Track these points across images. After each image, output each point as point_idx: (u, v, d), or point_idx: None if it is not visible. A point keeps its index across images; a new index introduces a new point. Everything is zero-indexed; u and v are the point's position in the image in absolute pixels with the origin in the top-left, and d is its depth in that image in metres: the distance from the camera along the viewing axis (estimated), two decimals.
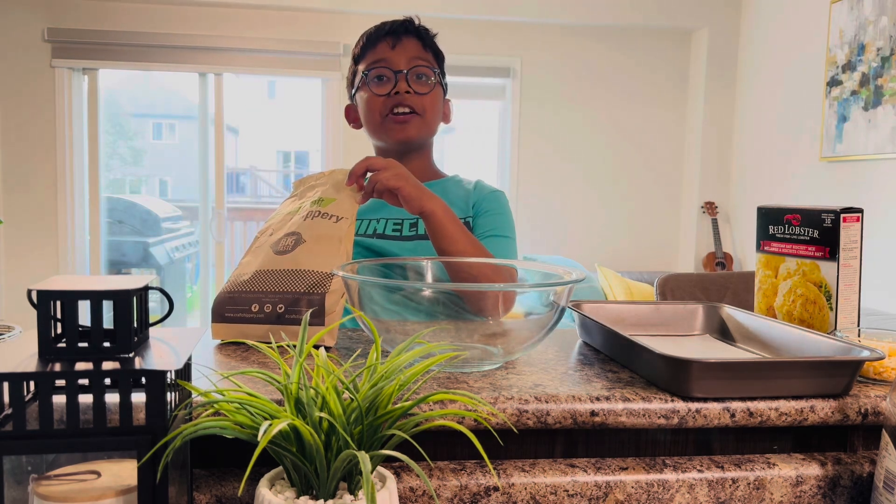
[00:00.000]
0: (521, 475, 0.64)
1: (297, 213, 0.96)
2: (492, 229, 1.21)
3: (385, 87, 1.21)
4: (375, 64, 1.21)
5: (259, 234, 0.97)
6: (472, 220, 1.24)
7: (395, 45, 1.21)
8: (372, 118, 1.23)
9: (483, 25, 3.90)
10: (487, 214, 1.24)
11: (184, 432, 0.46)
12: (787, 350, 0.81)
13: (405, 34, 1.22)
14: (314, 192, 1.00)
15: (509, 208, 1.27)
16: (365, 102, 1.24)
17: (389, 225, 1.22)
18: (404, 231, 1.21)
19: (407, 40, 1.22)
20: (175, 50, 3.76)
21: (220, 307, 0.87)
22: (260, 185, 8.05)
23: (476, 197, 1.26)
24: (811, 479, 0.68)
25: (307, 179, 1.05)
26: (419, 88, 1.21)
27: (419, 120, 1.21)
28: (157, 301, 3.29)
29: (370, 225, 1.23)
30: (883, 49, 2.90)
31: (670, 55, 4.15)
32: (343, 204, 0.95)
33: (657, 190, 4.23)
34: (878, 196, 2.96)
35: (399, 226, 1.21)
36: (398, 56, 1.21)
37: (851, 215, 0.86)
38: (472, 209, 1.25)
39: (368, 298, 0.74)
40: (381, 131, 1.23)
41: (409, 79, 1.20)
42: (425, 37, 1.25)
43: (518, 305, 0.77)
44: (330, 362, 0.51)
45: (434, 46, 1.26)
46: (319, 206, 0.95)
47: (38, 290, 0.47)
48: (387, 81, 1.21)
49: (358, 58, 1.26)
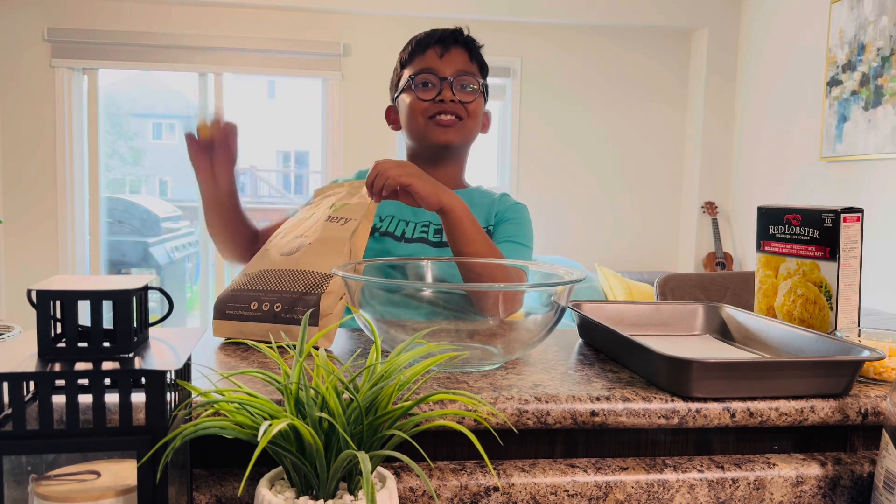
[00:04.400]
0: (521, 475, 0.64)
1: (310, 219, 0.98)
2: (510, 235, 1.23)
3: (430, 93, 1.23)
4: (422, 71, 1.24)
5: (272, 237, 0.99)
6: (492, 227, 1.26)
7: (443, 55, 1.24)
8: (414, 121, 1.25)
9: (483, 25, 3.90)
10: (508, 222, 1.26)
11: (184, 432, 0.46)
12: (787, 350, 0.81)
13: (454, 44, 1.25)
14: (330, 199, 1.02)
15: (530, 221, 1.30)
16: (408, 106, 1.26)
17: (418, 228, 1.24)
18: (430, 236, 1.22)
19: (455, 50, 1.25)
20: (175, 50, 3.76)
21: (222, 304, 0.88)
22: (260, 185, 8.04)
23: (499, 207, 1.29)
24: (811, 479, 0.68)
25: (326, 189, 1.08)
26: (463, 97, 1.24)
27: (461, 125, 1.25)
28: (157, 301, 3.29)
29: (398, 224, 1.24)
30: (883, 49, 2.90)
31: (670, 55, 4.15)
32: (354, 207, 0.97)
33: (657, 190, 4.23)
34: (878, 196, 2.96)
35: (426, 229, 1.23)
36: (445, 65, 1.24)
37: (851, 215, 0.86)
38: (494, 218, 1.27)
39: (369, 298, 0.74)
40: (422, 134, 1.26)
41: (455, 87, 1.23)
42: (473, 48, 1.28)
43: (520, 306, 0.77)
44: (330, 362, 0.51)
45: (480, 58, 1.29)
46: (331, 210, 0.97)
47: (38, 290, 0.47)
48: (432, 88, 1.23)
49: (405, 62, 1.29)
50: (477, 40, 1.30)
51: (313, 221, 0.97)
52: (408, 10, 3.74)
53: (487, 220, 1.27)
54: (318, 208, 1.01)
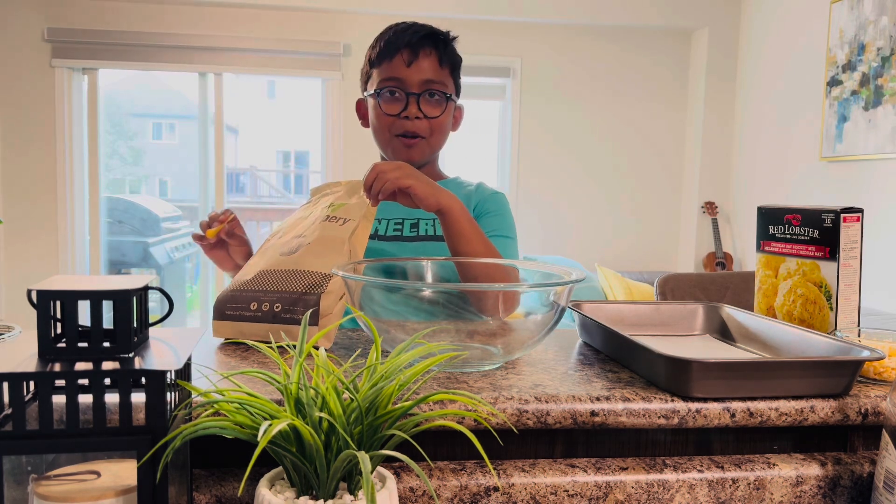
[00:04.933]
0: (521, 475, 0.64)
1: (308, 219, 0.98)
2: (493, 230, 1.22)
3: (396, 105, 1.20)
4: (389, 81, 1.20)
5: (270, 237, 0.99)
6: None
7: (411, 63, 1.19)
8: (381, 133, 1.24)
9: (483, 25, 3.90)
10: (489, 215, 1.25)
11: (184, 432, 0.46)
12: (787, 350, 0.81)
13: (423, 48, 1.20)
14: (328, 198, 1.02)
15: (510, 209, 1.28)
16: (375, 116, 1.24)
17: (391, 225, 1.22)
18: (405, 231, 1.21)
19: (424, 57, 1.20)
20: (175, 50, 3.76)
21: (221, 305, 0.88)
22: (260, 185, 8.05)
23: (477, 198, 1.27)
24: (811, 479, 0.68)
25: (324, 187, 1.07)
26: (430, 111, 1.21)
27: (424, 143, 1.23)
28: (157, 301, 3.29)
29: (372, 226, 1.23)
30: (883, 49, 2.90)
31: (670, 55, 4.15)
32: (353, 207, 0.96)
33: (657, 190, 4.23)
34: (878, 196, 2.96)
35: (400, 226, 1.22)
36: (413, 75, 1.19)
37: (851, 215, 0.86)
38: (473, 210, 1.25)
39: (369, 298, 0.74)
40: (386, 148, 1.25)
41: (421, 102, 1.20)
42: (443, 51, 1.22)
43: (518, 305, 0.77)
44: (330, 362, 0.51)
45: (453, 57, 1.24)
46: (330, 210, 0.97)
47: (38, 290, 0.47)
48: (398, 100, 1.20)
49: (373, 62, 1.24)
50: (450, 34, 1.24)
51: (311, 221, 0.96)
52: (408, 10, 3.74)
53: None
54: (315, 207, 1.01)
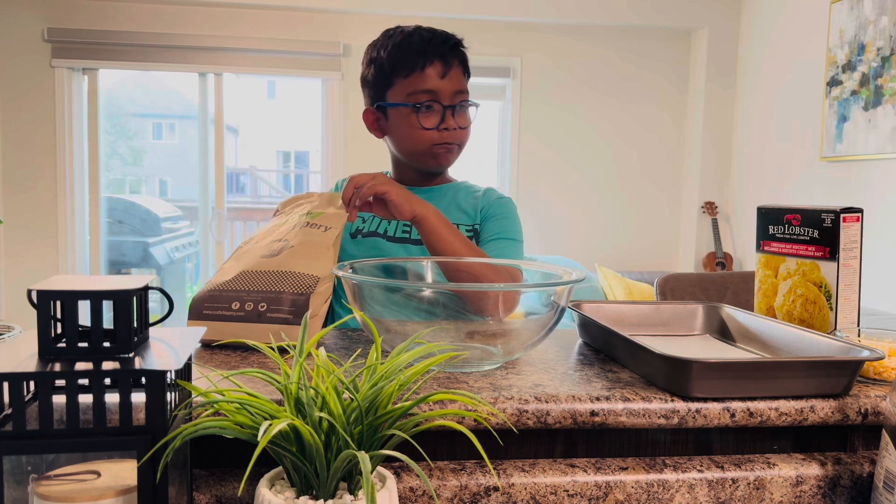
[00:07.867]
0: (521, 475, 0.64)
1: (285, 225, 0.98)
2: (499, 232, 1.22)
3: (434, 118, 1.19)
4: (423, 94, 1.18)
5: (242, 244, 0.99)
6: (479, 225, 1.25)
7: (444, 75, 1.19)
8: (417, 145, 1.21)
9: (483, 25, 3.90)
10: (495, 219, 1.25)
11: (184, 432, 0.46)
12: (787, 350, 0.81)
13: (454, 58, 1.20)
14: (303, 207, 1.03)
15: (517, 214, 1.28)
16: (409, 129, 1.20)
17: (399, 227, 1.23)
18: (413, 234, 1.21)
19: (455, 67, 1.21)
20: (175, 50, 3.76)
21: (198, 304, 0.87)
22: (260, 185, 8.06)
23: (484, 203, 1.27)
24: (811, 479, 0.68)
25: (294, 199, 1.08)
26: (462, 122, 1.22)
27: (457, 149, 1.24)
28: (157, 301, 3.29)
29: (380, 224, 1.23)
30: (883, 49, 2.90)
31: (670, 55, 4.15)
32: (332, 217, 0.98)
33: (657, 190, 4.23)
34: (878, 196, 2.96)
35: (408, 229, 1.22)
36: (446, 87, 1.19)
37: (851, 215, 0.86)
38: (480, 214, 1.26)
39: (369, 298, 0.74)
40: (419, 157, 1.23)
41: (456, 113, 1.20)
42: (465, 61, 1.24)
43: (518, 305, 0.77)
44: (330, 362, 0.51)
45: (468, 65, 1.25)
46: (309, 217, 0.98)
47: (38, 290, 0.47)
48: (435, 112, 1.19)
49: (394, 70, 1.19)
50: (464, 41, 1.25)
51: (290, 227, 0.97)
52: (408, 10, 3.74)
53: (472, 217, 1.25)
54: (290, 216, 1.01)
